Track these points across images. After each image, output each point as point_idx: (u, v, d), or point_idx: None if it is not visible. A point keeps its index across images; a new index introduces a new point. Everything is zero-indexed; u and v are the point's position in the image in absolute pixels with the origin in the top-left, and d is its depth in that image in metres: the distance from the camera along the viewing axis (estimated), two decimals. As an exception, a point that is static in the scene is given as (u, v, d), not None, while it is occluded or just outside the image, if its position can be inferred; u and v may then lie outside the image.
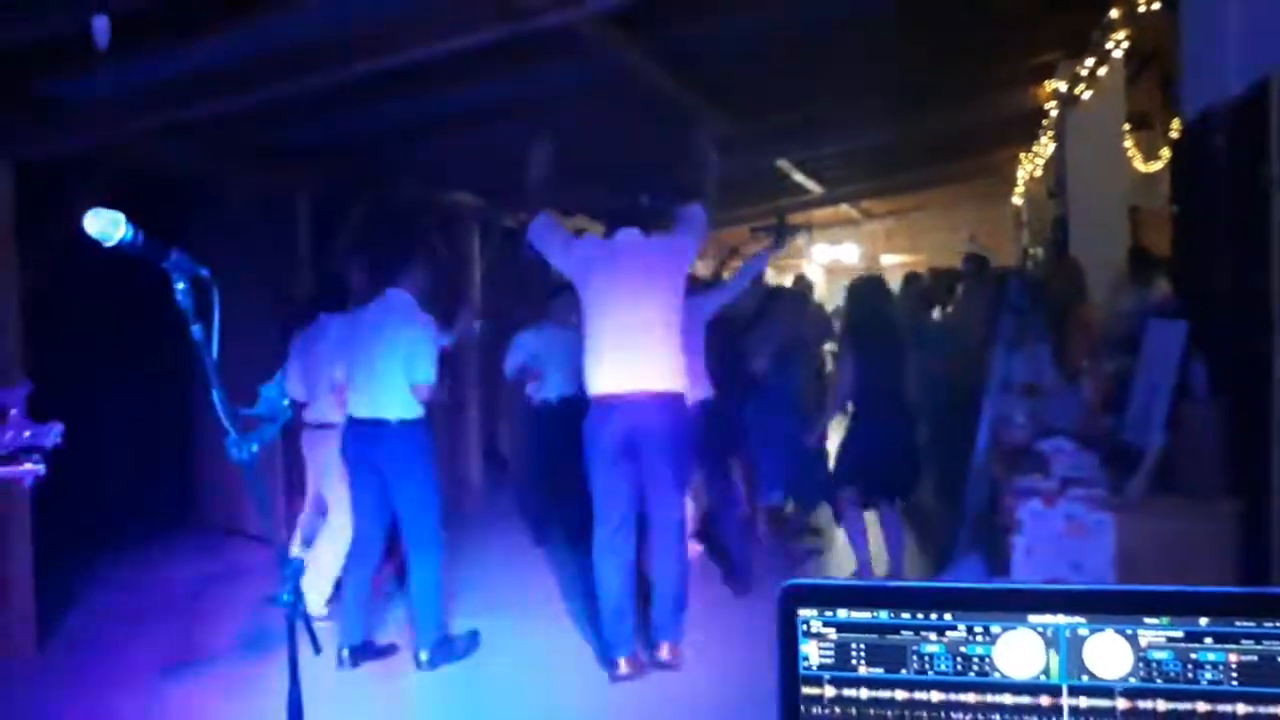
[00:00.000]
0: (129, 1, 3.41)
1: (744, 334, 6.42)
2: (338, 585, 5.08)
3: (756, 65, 6.75)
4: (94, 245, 1.76)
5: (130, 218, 1.76)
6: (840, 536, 5.98)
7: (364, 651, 4.70)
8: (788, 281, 12.62)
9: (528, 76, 5.93)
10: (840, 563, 6.30)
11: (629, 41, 5.51)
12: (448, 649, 4.66)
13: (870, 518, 5.54)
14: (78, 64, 4.29)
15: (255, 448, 1.95)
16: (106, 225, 1.70)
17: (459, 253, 9.32)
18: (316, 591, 5.11)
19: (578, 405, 4.60)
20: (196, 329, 1.84)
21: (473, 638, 4.81)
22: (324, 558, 5.21)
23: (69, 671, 4.80)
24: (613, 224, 4.60)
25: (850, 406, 5.52)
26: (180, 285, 1.81)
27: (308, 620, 2.07)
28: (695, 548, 5.71)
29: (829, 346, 8.70)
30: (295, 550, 5.59)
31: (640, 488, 4.32)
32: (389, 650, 4.81)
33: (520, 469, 7.38)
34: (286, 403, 2.06)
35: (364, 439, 4.62)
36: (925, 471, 5.84)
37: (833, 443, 6.03)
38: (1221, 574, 3.16)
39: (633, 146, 8.56)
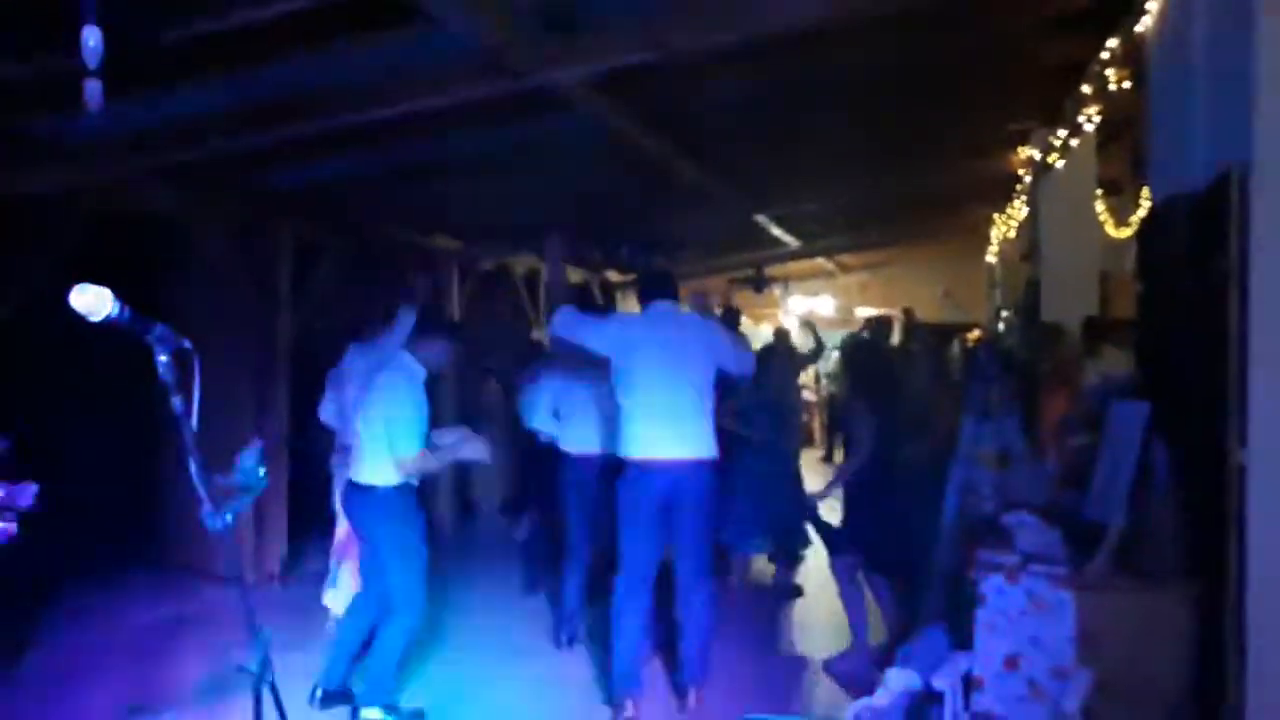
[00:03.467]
0: (119, 48, 3.47)
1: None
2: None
3: (737, 124, 6.88)
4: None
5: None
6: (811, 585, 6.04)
7: (337, 698, 4.69)
8: (766, 330, 12.78)
9: (512, 129, 6.02)
10: (809, 621, 6.35)
11: (614, 99, 5.61)
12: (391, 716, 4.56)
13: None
14: (66, 105, 4.33)
15: (230, 517, 1.98)
16: (93, 302, 1.74)
17: (439, 294, 9.38)
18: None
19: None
20: (177, 401, 1.88)
21: (418, 715, 4.67)
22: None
23: (27, 714, 4.74)
24: (647, 296, 4.86)
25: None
26: (163, 358, 1.85)
27: (275, 690, 2.08)
28: None
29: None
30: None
31: (665, 545, 4.63)
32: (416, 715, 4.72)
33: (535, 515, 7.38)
34: (262, 472, 2.09)
35: (350, 502, 4.67)
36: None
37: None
38: (1178, 655, 3.22)
39: (615, 198, 8.67)
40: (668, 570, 4.73)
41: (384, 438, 4.43)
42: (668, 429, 4.54)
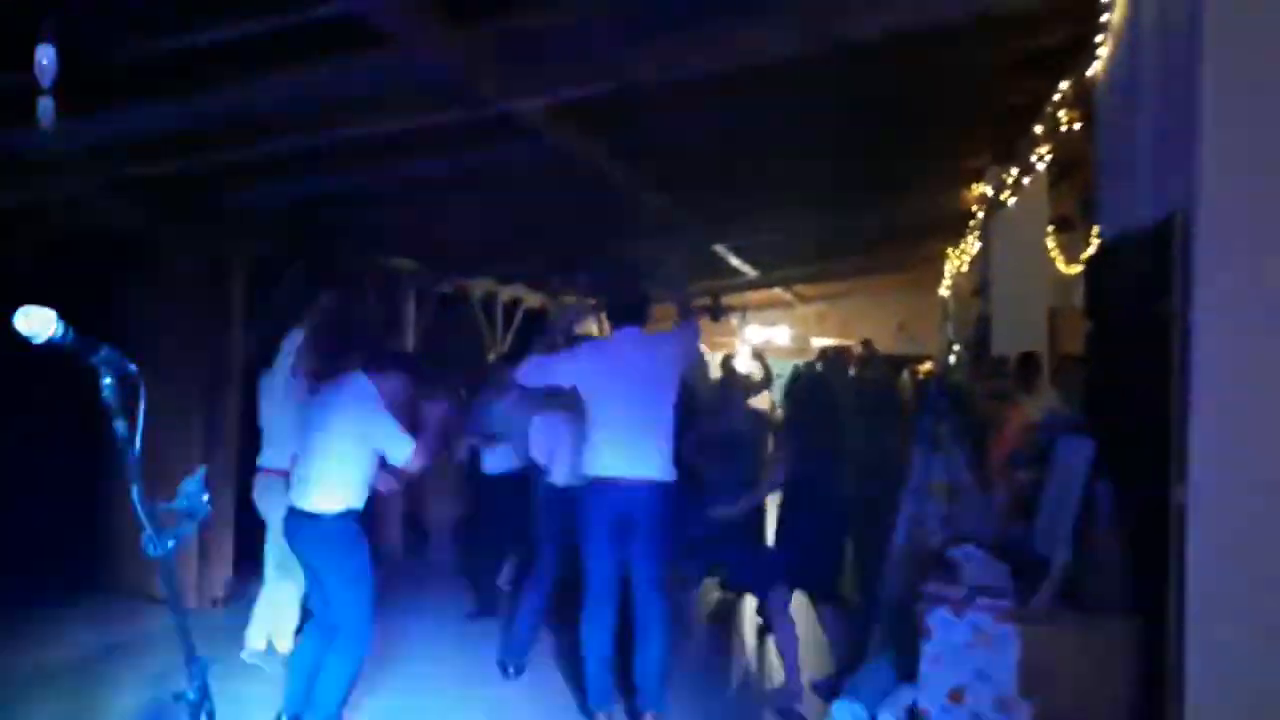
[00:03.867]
0: (79, 65, 3.43)
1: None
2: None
3: (698, 154, 6.94)
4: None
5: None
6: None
7: None
8: (719, 359, 12.82)
9: (474, 154, 6.02)
10: (766, 649, 6.34)
11: (575, 127, 5.64)
12: None
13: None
14: (20, 120, 4.28)
15: (171, 544, 1.95)
16: (37, 324, 1.71)
17: (395, 316, 9.34)
18: (260, 632, 5.60)
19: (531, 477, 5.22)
20: (120, 425, 1.85)
21: None
22: (265, 607, 5.62)
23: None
24: (616, 322, 5.05)
25: (781, 499, 5.53)
26: (107, 381, 1.82)
27: (213, 718, 2.05)
28: None
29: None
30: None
31: (626, 562, 4.79)
32: None
33: (471, 539, 7.42)
34: (206, 498, 2.06)
35: (295, 531, 4.56)
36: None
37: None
38: (1120, 688, 3.26)
39: (574, 224, 8.70)
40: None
41: (367, 456, 4.48)
42: (625, 451, 4.73)
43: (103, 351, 1.83)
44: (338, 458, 4.46)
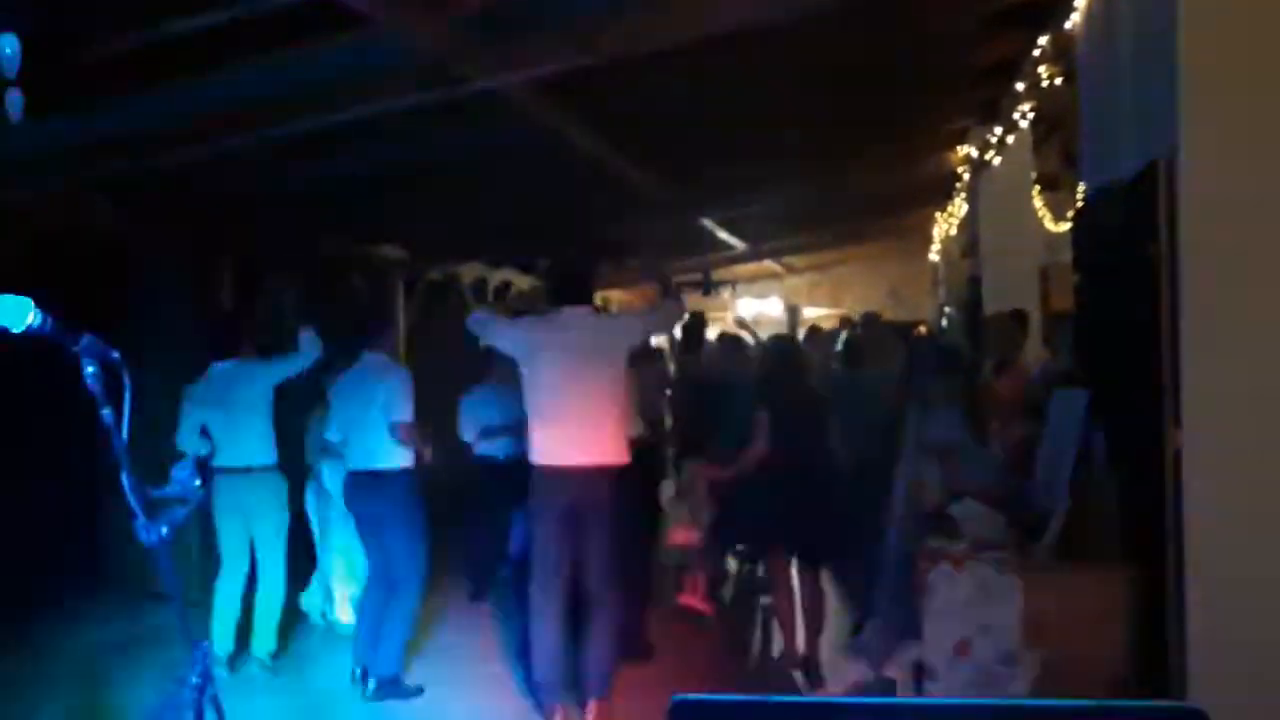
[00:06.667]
0: (50, 60, 3.40)
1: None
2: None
3: (682, 128, 6.89)
4: None
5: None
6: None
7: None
8: (714, 334, 12.80)
9: (456, 136, 5.98)
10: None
11: (557, 105, 5.61)
12: (394, 689, 5.03)
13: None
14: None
15: (165, 530, 1.94)
16: (13, 312, 1.69)
17: (384, 304, 9.30)
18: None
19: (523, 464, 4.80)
20: (106, 413, 1.84)
21: (418, 691, 5.10)
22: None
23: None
24: (558, 300, 4.73)
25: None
26: (90, 369, 1.81)
27: (218, 704, 2.05)
28: None
29: None
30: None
31: (576, 550, 4.54)
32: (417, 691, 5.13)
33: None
34: (198, 484, 2.06)
35: (360, 487, 5.14)
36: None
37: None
38: (1123, 637, 3.27)
39: (561, 204, 8.66)
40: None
41: (384, 419, 5.00)
42: (569, 435, 4.48)
43: (84, 339, 1.82)
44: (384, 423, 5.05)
